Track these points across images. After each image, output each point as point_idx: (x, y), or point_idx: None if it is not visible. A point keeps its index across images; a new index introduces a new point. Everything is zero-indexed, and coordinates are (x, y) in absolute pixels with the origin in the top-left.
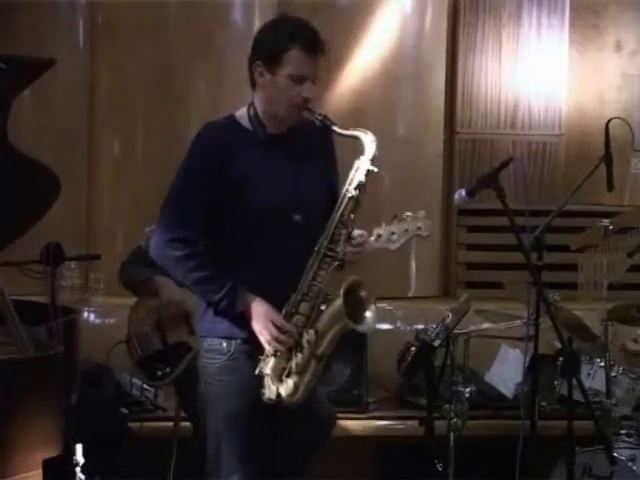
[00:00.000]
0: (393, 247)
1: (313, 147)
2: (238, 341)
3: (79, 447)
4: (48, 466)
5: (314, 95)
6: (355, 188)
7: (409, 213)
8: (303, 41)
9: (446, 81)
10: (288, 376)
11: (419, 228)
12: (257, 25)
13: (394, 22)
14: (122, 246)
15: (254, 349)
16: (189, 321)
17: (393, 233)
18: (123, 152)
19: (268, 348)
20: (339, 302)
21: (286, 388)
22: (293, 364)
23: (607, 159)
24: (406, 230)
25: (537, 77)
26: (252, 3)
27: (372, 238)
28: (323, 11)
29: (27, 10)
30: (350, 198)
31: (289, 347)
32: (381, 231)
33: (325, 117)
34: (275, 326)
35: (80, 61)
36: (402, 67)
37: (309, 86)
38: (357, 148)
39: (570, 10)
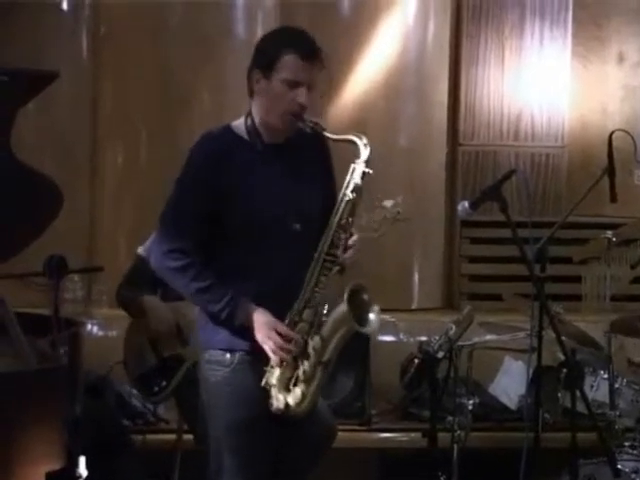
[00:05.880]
0: (375, 235)
1: (309, 156)
2: (240, 353)
3: (82, 460)
4: (51, 479)
5: (308, 102)
6: (352, 191)
7: (390, 201)
8: (298, 47)
9: (449, 93)
10: (295, 385)
11: (398, 212)
12: (259, 34)
13: (397, 34)
14: (125, 258)
15: (256, 360)
16: (181, 334)
17: (374, 222)
18: (126, 162)
19: (274, 358)
20: (344, 306)
21: (294, 397)
22: (300, 372)
23: (610, 171)
24: (385, 217)
25: (540, 89)
26: (254, 13)
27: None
28: (325, 23)
29: (30, 20)
30: (348, 201)
31: (294, 355)
32: (362, 221)
33: (316, 124)
34: (279, 334)
35: (83, 71)
36: (405, 79)
37: (303, 91)
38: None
39: (573, 22)
